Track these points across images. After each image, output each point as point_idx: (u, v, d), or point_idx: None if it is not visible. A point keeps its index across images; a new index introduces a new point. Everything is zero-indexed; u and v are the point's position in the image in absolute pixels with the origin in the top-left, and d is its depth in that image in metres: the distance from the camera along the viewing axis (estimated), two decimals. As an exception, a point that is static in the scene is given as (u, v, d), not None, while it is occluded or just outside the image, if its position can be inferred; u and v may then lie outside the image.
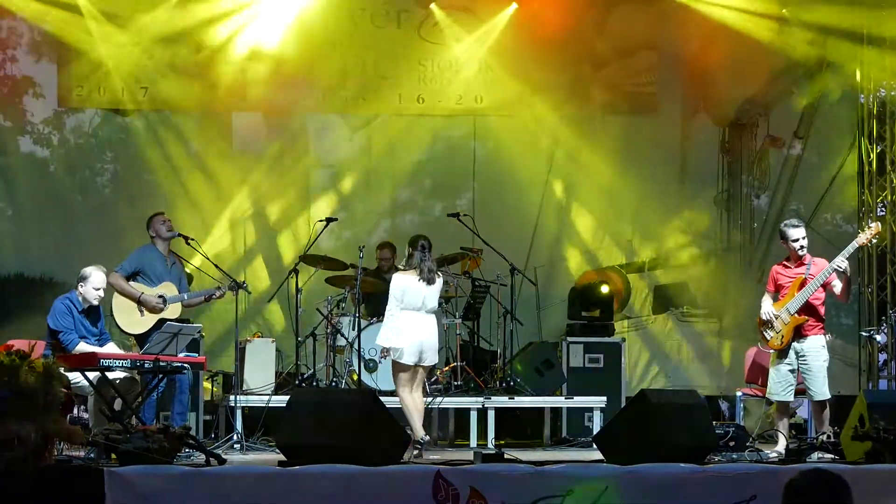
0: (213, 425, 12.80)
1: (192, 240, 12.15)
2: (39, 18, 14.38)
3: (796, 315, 10.92)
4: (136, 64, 14.57)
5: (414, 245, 11.04)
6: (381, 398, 9.76)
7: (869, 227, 11.25)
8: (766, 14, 15.23)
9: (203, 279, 12.85)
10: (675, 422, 9.58)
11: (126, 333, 11.69)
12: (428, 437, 10.99)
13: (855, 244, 11.11)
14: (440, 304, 13.08)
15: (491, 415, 12.48)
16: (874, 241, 11.47)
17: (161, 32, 14.49)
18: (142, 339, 11.47)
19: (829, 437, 10.41)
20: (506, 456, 9.45)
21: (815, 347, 10.99)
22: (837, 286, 10.99)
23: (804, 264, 11.04)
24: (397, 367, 10.98)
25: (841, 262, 10.86)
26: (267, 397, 12.17)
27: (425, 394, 11.59)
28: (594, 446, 10.30)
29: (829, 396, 11.01)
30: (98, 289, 11.02)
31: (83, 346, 10.74)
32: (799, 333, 10.96)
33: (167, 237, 11.93)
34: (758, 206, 15.93)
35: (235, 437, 11.60)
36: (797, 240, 11.02)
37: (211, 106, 14.87)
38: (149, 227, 11.99)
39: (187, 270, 12.46)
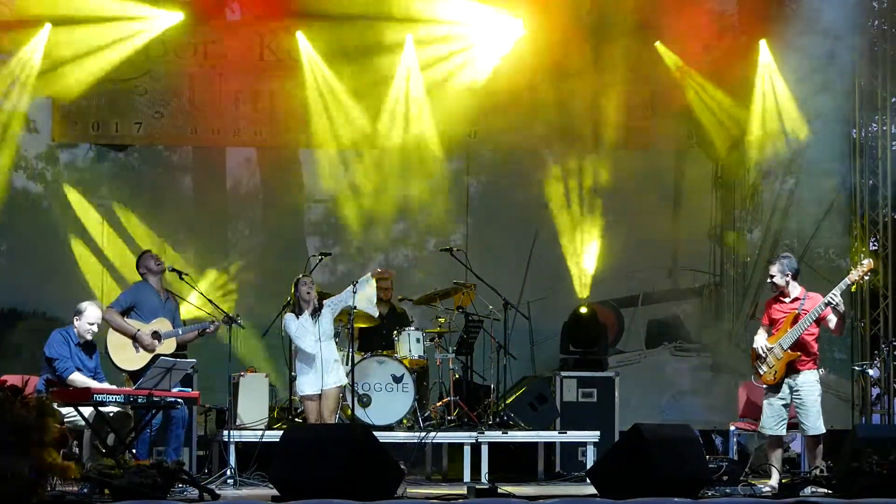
0: (207, 460, 12.77)
1: (186, 275, 12.17)
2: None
3: (789, 351, 10.91)
4: (130, 99, 14.63)
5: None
6: (374, 433, 9.75)
7: (861, 264, 11.18)
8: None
9: (198, 315, 12.84)
10: (668, 456, 9.59)
11: (121, 370, 11.66)
12: None
13: (847, 281, 11.07)
14: (432, 340, 13.16)
15: (484, 449, 12.45)
16: (868, 277, 11.39)
17: (152, 69, 14.61)
18: (136, 375, 11.46)
19: (822, 471, 10.41)
20: (499, 490, 9.45)
21: (809, 382, 10.98)
22: (832, 321, 10.99)
23: (799, 299, 11.04)
24: None
25: (833, 297, 10.86)
26: (260, 432, 12.13)
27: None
28: (588, 481, 10.30)
29: (823, 431, 11.00)
30: (92, 324, 11.05)
31: (78, 376, 10.75)
32: (792, 369, 10.95)
33: (157, 271, 11.95)
34: (751, 240, 15.94)
35: (229, 473, 11.56)
36: (769, 276, 11.11)
37: (205, 141, 14.91)
38: (139, 265, 12.06)
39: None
